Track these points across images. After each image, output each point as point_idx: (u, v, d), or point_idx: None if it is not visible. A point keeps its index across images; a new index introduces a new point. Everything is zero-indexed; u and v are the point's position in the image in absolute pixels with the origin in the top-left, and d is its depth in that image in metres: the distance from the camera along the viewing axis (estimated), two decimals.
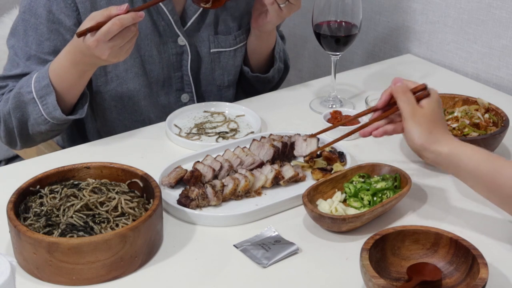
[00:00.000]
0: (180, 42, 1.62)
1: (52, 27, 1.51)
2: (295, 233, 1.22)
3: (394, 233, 1.10)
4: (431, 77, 1.86)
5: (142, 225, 1.11)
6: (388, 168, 1.32)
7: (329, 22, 1.57)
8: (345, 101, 1.69)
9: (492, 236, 1.21)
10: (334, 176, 1.30)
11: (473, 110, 1.45)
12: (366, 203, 1.26)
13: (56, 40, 1.52)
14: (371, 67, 1.94)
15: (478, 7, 1.81)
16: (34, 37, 1.51)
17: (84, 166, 1.26)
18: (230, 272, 1.13)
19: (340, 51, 1.60)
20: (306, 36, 2.40)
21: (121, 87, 1.59)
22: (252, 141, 1.43)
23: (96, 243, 1.07)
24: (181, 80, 1.66)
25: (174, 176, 1.32)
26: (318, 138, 1.40)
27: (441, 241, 1.11)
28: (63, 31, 1.51)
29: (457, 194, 1.33)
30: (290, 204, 1.28)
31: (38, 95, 1.46)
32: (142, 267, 1.14)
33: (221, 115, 1.62)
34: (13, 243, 1.13)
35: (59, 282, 1.10)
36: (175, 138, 1.51)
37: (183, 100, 1.68)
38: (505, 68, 1.79)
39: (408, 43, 2.03)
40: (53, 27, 1.51)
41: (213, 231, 1.23)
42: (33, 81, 1.47)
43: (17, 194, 1.17)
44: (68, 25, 1.51)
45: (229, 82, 1.73)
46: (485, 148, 1.36)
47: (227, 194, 1.29)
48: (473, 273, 1.05)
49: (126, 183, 1.25)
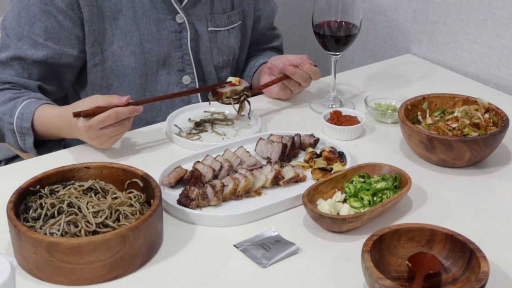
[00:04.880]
0: (178, 20, 1.63)
1: (45, 8, 1.52)
2: (295, 233, 1.22)
3: (390, 232, 1.11)
4: (431, 77, 1.86)
5: (142, 225, 1.11)
6: (388, 168, 1.32)
7: (329, 22, 1.57)
8: (345, 101, 1.69)
9: (492, 235, 1.21)
10: (334, 176, 1.31)
11: (473, 110, 1.45)
12: (366, 203, 1.26)
13: (47, 22, 1.53)
14: (371, 67, 1.94)
15: (478, 7, 1.81)
16: (27, 18, 1.53)
17: (84, 166, 1.26)
18: (230, 272, 1.13)
19: (340, 51, 1.60)
20: (306, 36, 2.40)
21: (116, 64, 1.61)
22: (259, 140, 1.44)
23: (96, 243, 1.07)
24: (182, 60, 1.67)
25: (174, 176, 1.32)
26: (317, 139, 1.40)
27: (436, 237, 1.11)
28: (56, 13, 1.53)
29: (457, 194, 1.33)
30: (290, 204, 1.28)
31: (18, 131, 1.51)
32: (142, 267, 1.14)
33: (221, 115, 1.62)
34: (13, 243, 1.13)
35: (59, 282, 1.10)
36: (175, 138, 1.51)
37: (185, 82, 1.69)
38: (505, 68, 1.79)
39: (408, 43, 2.03)
40: (45, 8, 1.52)
41: (213, 231, 1.23)
42: (15, 116, 1.50)
43: (17, 194, 1.17)
44: (60, 6, 1.53)
45: (223, 62, 1.74)
46: (485, 148, 1.37)
47: (227, 194, 1.29)
48: (472, 267, 1.06)
49: (126, 183, 1.25)
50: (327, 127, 1.53)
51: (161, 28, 1.62)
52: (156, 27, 1.62)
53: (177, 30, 1.64)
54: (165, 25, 1.63)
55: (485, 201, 1.32)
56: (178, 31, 1.64)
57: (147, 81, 1.65)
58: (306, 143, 1.46)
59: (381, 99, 1.65)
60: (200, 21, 1.68)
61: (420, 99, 1.51)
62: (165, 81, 1.67)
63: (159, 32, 1.62)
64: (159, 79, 1.66)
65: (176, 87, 1.68)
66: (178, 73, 1.68)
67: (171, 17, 1.63)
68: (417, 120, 1.49)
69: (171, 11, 1.62)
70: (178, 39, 1.65)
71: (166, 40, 1.63)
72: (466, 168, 1.41)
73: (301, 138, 1.46)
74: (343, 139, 1.51)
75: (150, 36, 1.61)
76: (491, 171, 1.41)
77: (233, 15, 1.73)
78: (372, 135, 1.55)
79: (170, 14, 1.62)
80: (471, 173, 1.40)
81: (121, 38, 1.59)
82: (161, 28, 1.62)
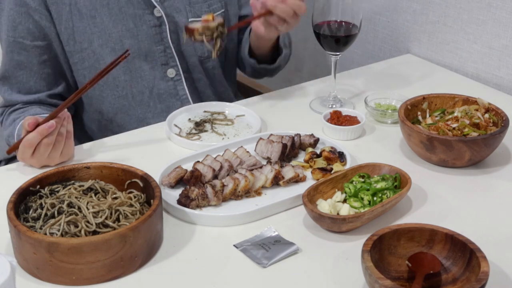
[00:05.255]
0: (156, 13, 1.63)
1: (21, 10, 1.55)
2: (295, 233, 1.22)
3: (390, 232, 1.11)
4: (431, 77, 1.86)
5: (142, 225, 1.11)
6: (388, 168, 1.32)
7: (329, 22, 1.57)
8: (345, 101, 1.69)
9: (492, 235, 1.21)
10: (334, 176, 1.30)
11: (473, 110, 1.45)
12: (366, 203, 1.26)
13: (28, 23, 1.56)
14: (371, 67, 1.94)
15: (478, 7, 1.81)
16: (9, 24, 1.56)
17: (84, 166, 1.26)
18: (230, 272, 1.13)
19: (340, 51, 1.60)
20: (306, 36, 2.40)
21: (98, 63, 1.61)
22: (259, 140, 1.44)
23: (96, 243, 1.07)
24: (164, 53, 1.66)
25: (174, 176, 1.32)
26: (317, 139, 1.40)
27: (436, 237, 1.11)
28: (32, 12, 1.55)
29: (457, 194, 1.33)
30: (290, 204, 1.28)
31: None
32: (142, 267, 1.14)
33: (221, 115, 1.62)
34: (13, 243, 1.13)
35: (59, 282, 1.10)
36: (175, 138, 1.51)
37: (169, 75, 1.68)
38: (505, 68, 1.79)
39: (408, 43, 2.03)
40: (21, 10, 1.55)
41: (213, 231, 1.23)
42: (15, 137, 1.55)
43: (17, 194, 1.17)
44: (33, 6, 1.55)
45: (208, 52, 1.72)
46: (485, 148, 1.37)
47: (227, 194, 1.29)
48: (472, 267, 1.06)
49: (126, 183, 1.25)
50: (327, 127, 1.53)
51: (139, 24, 1.62)
52: (133, 23, 1.61)
53: (156, 24, 1.63)
54: (143, 20, 1.62)
55: (485, 201, 1.32)
56: (157, 25, 1.63)
57: (132, 78, 1.64)
58: (306, 143, 1.46)
59: (381, 99, 1.65)
60: (179, 12, 1.66)
61: (420, 99, 1.51)
62: (150, 76, 1.66)
63: (137, 27, 1.61)
64: (144, 75, 1.65)
65: (162, 81, 1.67)
66: (162, 67, 1.67)
67: (149, 12, 1.62)
68: (417, 120, 1.49)
69: (148, 6, 1.62)
70: (158, 33, 1.64)
71: (146, 35, 1.63)
72: (466, 168, 1.41)
73: (301, 138, 1.46)
74: (343, 139, 1.51)
75: (129, 32, 1.61)
76: (491, 171, 1.41)
77: (214, 3, 1.70)
78: (372, 135, 1.55)
79: (148, 8, 1.62)
80: (471, 173, 1.40)
81: (100, 36, 1.59)
82: (139, 23, 1.62)
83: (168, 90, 1.67)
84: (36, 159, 1.36)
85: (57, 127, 1.35)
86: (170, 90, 1.68)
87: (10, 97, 1.61)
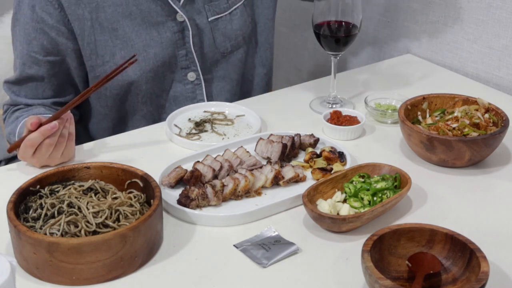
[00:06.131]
0: (179, 19, 1.62)
1: (37, 26, 1.54)
2: (295, 233, 1.22)
3: (390, 232, 1.11)
4: (431, 77, 1.86)
5: (142, 225, 1.11)
6: (388, 168, 1.32)
7: (329, 22, 1.57)
8: (345, 101, 1.69)
9: (492, 235, 1.21)
10: (334, 176, 1.31)
11: (473, 110, 1.45)
12: (366, 203, 1.26)
13: (42, 39, 1.55)
14: (371, 67, 1.94)
15: (478, 7, 1.81)
16: (24, 37, 1.55)
17: (84, 166, 1.26)
18: (230, 272, 1.13)
19: (340, 51, 1.60)
20: (306, 36, 2.40)
21: (121, 75, 1.60)
22: (259, 140, 1.44)
23: (96, 243, 1.07)
24: (186, 57, 1.66)
25: (174, 176, 1.32)
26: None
27: (436, 237, 1.11)
28: (48, 30, 1.54)
29: (457, 194, 1.33)
30: (290, 204, 1.28)
31: None
32: (142, 267, 1.14)
33: (221, 115, 1.62)
34: (13, 243, 1.13)
35: (59, 282, 1.10)
36: (175, 138, 1.51)
37: (190, 78, 1.68)
38: (505, 68, 1.79)
39: (408, 43, 2.03)
40: (37, 26, 1.54)
41: (213, 231, 1.23)
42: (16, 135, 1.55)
43: (17, 194, 1.17)
44: (51, 23, 1.54)
45: (232, 47, 1.72)
46: (485, 148, 1.37)
47: (227, 194, 1.29)
48: (472, 267, 1.06)
49: (126, 183, 1.25)
50: (327, 127, 1.53)
51: (163, 31, 1.61)
52: (157, 31, 1.61)
53: (179, 30, 1.63)
54: (167, 27, 1.61)
55: (485, 201, 1.32)
56: (180, 31, 1.63)
57: (154, 86, 1.65)
58: (306, 143, 1.46)
59: (381, 99, 1.65)
60: (200, 13, 1.66)
61: (420, 99, 1.51)
62: (169, 80, 1.66)
63: (161, 35, 1.61)
64: (164, 79, 1.66)
65: (180, 83, 1.67)
66: (182, 71, 1.67)
67: (171, 18, 1.62)
68: (417, 120, 1.49)
69: (171, 12, 1.61)
70: (181, 38, 1.64)
71: (170, 42, 1.62)
72: (466, 168, 1.41)
73: (301, 138, 1.46)
74: (343, 139, 1.51)
75: (153, 41, 1.60)
76: (491, 171, 1.41)
77: None
78: (372, 135, 1.55)
79: (171, 15, 1.61)
80: (471, 173, 1.40)
81: (122, 48, 1.58)
82: (163, 30, 1.61)
83: (185, 94, 1.68)
84: (37, 159, 1.36)
85: (59, 128, 1.35)
86: (188, 94, 1.68)
87: (16, 98, 1.62)
